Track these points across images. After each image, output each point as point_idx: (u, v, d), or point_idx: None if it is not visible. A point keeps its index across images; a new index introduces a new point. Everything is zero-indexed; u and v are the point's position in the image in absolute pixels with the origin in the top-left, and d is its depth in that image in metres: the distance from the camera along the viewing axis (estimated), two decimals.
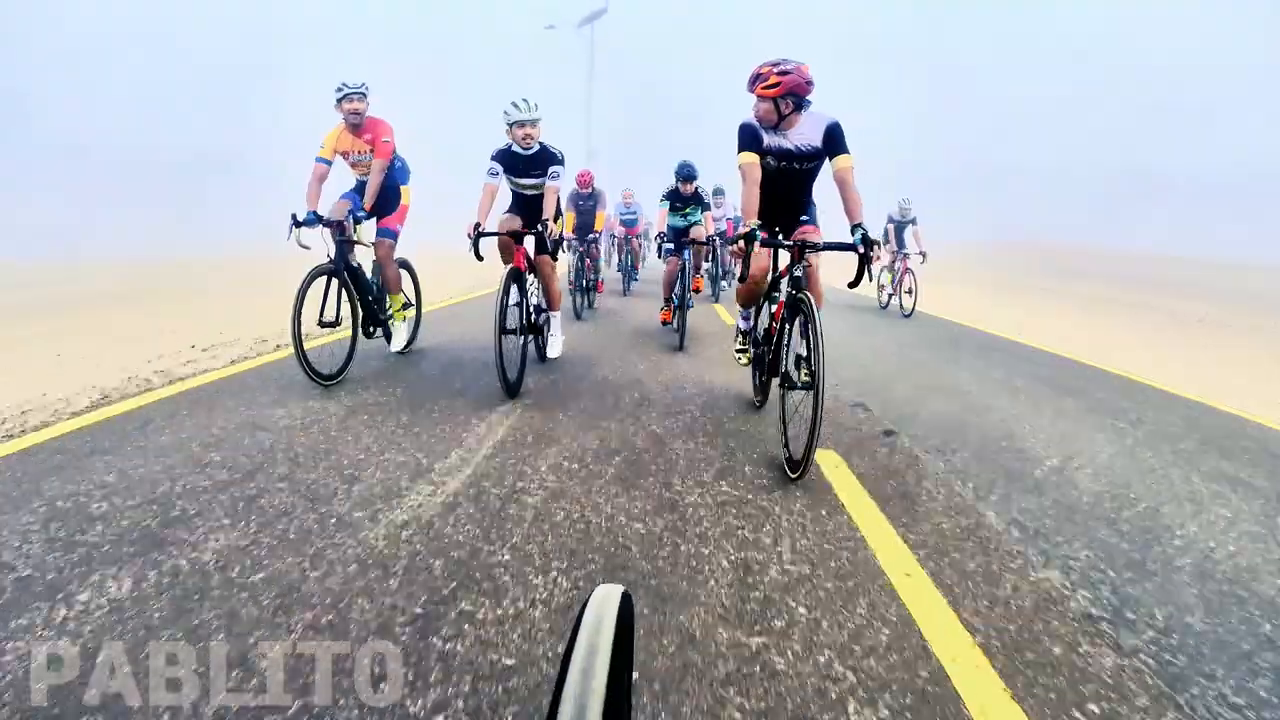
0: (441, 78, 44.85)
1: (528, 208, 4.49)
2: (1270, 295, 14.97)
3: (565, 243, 4.98)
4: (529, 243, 4.29)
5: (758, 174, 3.16)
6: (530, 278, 4.30)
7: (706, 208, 7.27)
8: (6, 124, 28.93)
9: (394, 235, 4.62)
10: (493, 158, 4.29)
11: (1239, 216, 30.80)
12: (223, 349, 4.96)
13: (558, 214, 4.40)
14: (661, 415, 3.59)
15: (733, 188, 9.28)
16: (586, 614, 0.49)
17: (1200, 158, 35.51)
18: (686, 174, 6.83)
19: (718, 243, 9.74)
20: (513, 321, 3.94)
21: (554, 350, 4.69)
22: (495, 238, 4.21)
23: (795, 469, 2.74)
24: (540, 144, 4.27)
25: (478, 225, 3.99)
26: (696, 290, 6.19)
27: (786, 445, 2.91)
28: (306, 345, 3.75)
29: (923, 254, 9.18)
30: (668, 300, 6.16)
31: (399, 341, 4.86)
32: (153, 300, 8.31)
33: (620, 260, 11.68)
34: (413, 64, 41.48)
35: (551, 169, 4.27)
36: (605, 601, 0.51)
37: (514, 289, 3.94)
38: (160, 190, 29.94)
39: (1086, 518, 2.53)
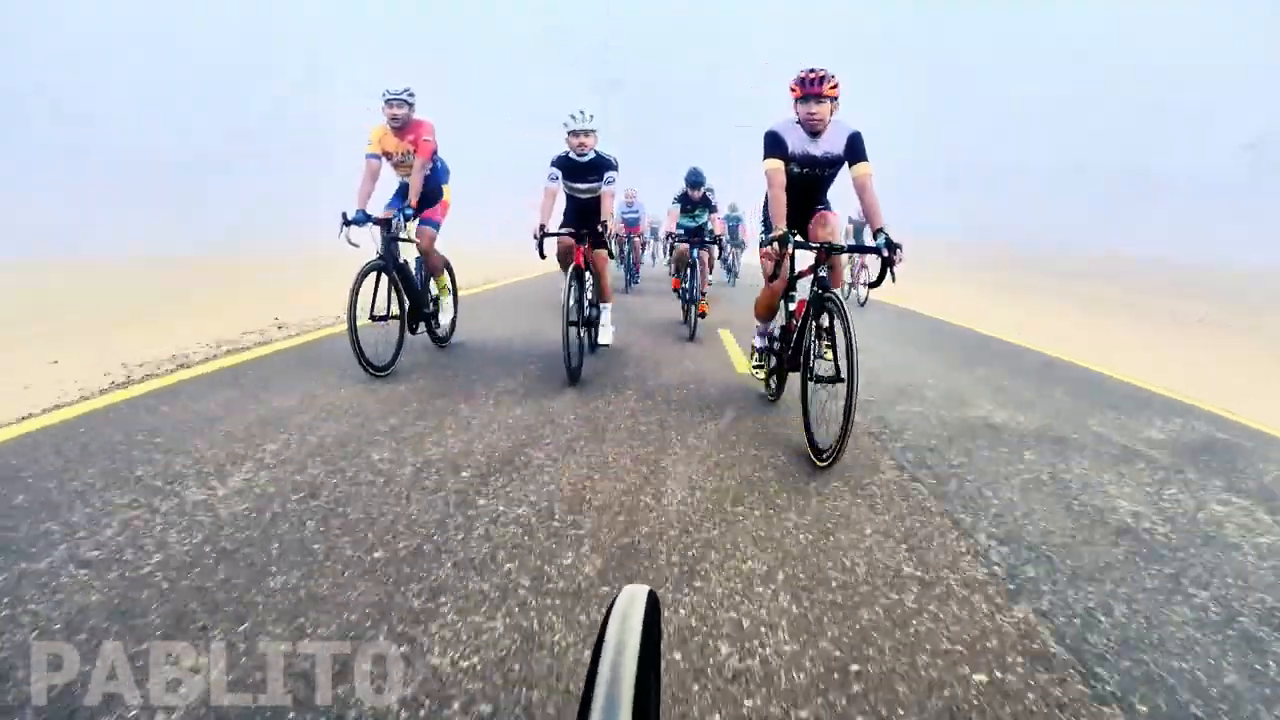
0: (441, 78, 44.79)
1: (582, 210, 4.84)
2: (1267, 296, 14.95)
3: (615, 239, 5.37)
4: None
5: (783, 179, 3.32)
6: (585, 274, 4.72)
7: (713, 209, 8.06)
8: (12, 123, 28.84)
9: (436, 225, 4.86)
10: (552, 164, 4.65)
11: (1239, 217, 30.77)
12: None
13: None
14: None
15: (722, 189, 9.43)
16: (613, 614, 0.49)
17: (1200, 158, 35.45)
18: (694, 181, 7.64)
19: (724, 241, 10.85)
20: (573, 315, 4.33)
21: (605, 338, 5.08)
22: (556, 242, 4.66)
23: (823, 457, 2.89)
24: (595, 151, 4.62)
25: (542, 227, 4.40)
26: (702, 314, 6.79)
27: (810, 435, 3.06)
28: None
29: None
30: (678, 271, 7.53)
31: (446, 318, 5.15)
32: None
33: (623, 258, 11.71)
34: (412, 64, 41.38)
35: (607, 174, 4.65)
36: (632, 601, 0.51)
37: (574, 286, 4.36)
38: (164, 189, 29.90)
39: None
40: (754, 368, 4.06)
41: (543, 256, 4.44)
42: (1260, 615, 1.93)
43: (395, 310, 4.41)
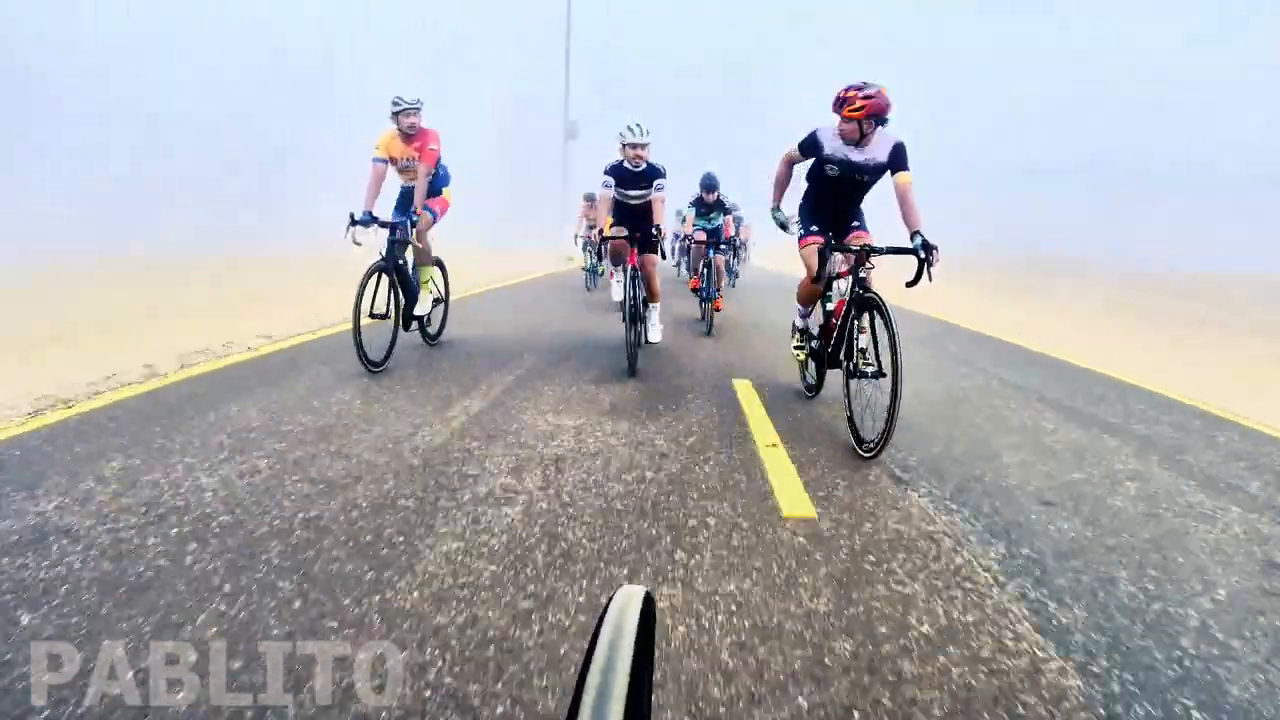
0: (443, 79, 44.77)
1: (631, 216, 5.11)
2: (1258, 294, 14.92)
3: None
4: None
5: (792, 161, 3.73)
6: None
7: (727, 212, 8.36)
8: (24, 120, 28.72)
9: (434, 213, 4.95)
10: (606, 172, 4.95)
11: (1239, 216, 30.73)
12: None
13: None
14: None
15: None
16: (608, 614, 0.49)
17: (1203, 156, 35.31)
18: (709, 185, 8.01)
19: (738, 242, 11.46)
20: (628, 313, 4.69)
21: (654, 336, 5.37)
22: (609, 245, 5.10)
23: (869, 450, 3.03)
24: (647, 162, 4.90)
25: (600, 230, 4.85)
26: (717, 310, 7.20)
27: (854, 428, 3.22)
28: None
29: None
30: (695, 271, 7.90)
31: (424, 308, 5.14)
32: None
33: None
34: (415, 65, 41.40)
35: (656, 182, 4.92)
36: (627, 602, 0.50)
37: (631, 286, 4.71)
38: (172, 187, 29.89)
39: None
40: (795, 348, 4.20)
41: (598, 257, 4.73)
42: None
43: (392, 309, 4.54)
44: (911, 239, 3.23)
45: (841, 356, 3.45)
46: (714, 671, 1.55)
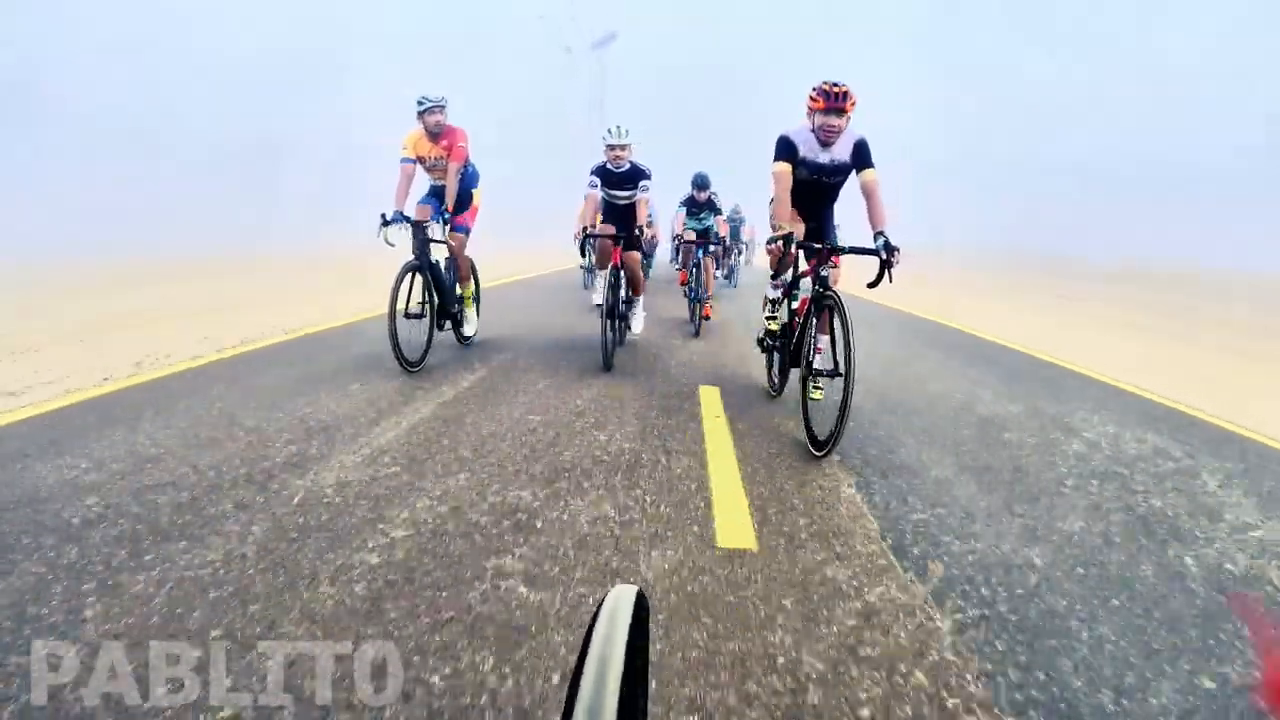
0: (445, 79, 45.09)
1: (618, 215, 5.27)
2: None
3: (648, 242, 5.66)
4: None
5: (789, 182, 3.50)
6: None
7: (718, 212, 8.26)
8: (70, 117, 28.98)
9: (466, 230, 5.03)
10: (592, 172, 5.03)
11: (1261, 214, 30.20)
12: None
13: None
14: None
15: (724, 190, 9.55)
16: (601, 613, 0.49)
17: (1224, 153, 34.72)
18: (700, 183, 7.93)
19: (729, 243, 11.55)
20: (608, 309, 4.76)
21: (637, 326, 5.50)
22: (596, 242, 5.03)
23: (820, 447, 3.02)
24: (630, 162, 5.03)
25: (585, 229, 4.77)
26: (706, 318, 6.94)
27: (809, 427, 3.20)
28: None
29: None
30: (684, 266, 7.81)
31: (471, 328, 5.29)
32: None
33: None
34: (420, 66, 41.71)
35: (642, 183, 5.07)
36: (620, 601, 0.51)
37: (612, 283, 4.78)
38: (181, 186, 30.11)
39: None
40: (766, 318, 4.15)
41: (583, 254, 4.87)
42: None
43: (427, 308, 4.56)
44: (875, 239, 3.21)
45: (803, 356, 3.46)
46: None
